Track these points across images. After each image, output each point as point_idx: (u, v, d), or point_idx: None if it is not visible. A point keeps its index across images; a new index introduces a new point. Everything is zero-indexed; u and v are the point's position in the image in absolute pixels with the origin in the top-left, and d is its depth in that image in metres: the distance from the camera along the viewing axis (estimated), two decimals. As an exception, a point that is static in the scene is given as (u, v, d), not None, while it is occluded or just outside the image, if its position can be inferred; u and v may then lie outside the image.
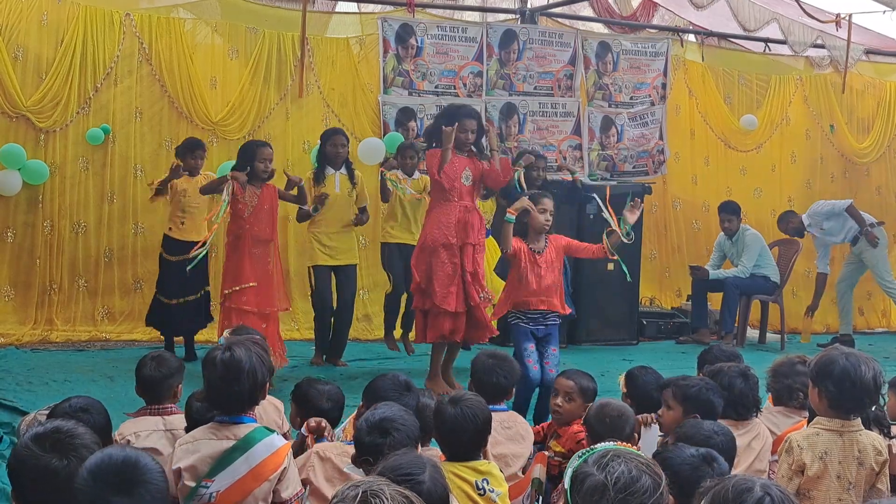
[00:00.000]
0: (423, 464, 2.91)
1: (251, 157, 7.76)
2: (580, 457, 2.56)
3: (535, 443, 5.30)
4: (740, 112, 12.31)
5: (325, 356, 8.66)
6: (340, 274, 8.58)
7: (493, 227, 8.83)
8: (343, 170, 8.49)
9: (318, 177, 8.44)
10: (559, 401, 5.18)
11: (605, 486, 2.40)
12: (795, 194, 12.79)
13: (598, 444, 2.64)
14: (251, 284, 7.59)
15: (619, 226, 6.81)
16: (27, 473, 2.85)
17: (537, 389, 6.59)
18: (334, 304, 8.66)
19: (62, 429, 2.94)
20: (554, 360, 6.73)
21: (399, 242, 8.62)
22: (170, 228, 8.56)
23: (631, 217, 6.82)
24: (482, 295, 7.35)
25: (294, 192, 8.18)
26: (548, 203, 6.88)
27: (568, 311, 7.33)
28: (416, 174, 8.69)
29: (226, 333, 5.31)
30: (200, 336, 8.82)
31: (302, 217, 8.48)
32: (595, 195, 7.83)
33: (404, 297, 8.68)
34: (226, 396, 3.60)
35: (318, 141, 8.64)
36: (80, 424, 3.03)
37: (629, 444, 3.52)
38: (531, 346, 6.73)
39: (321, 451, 4.02)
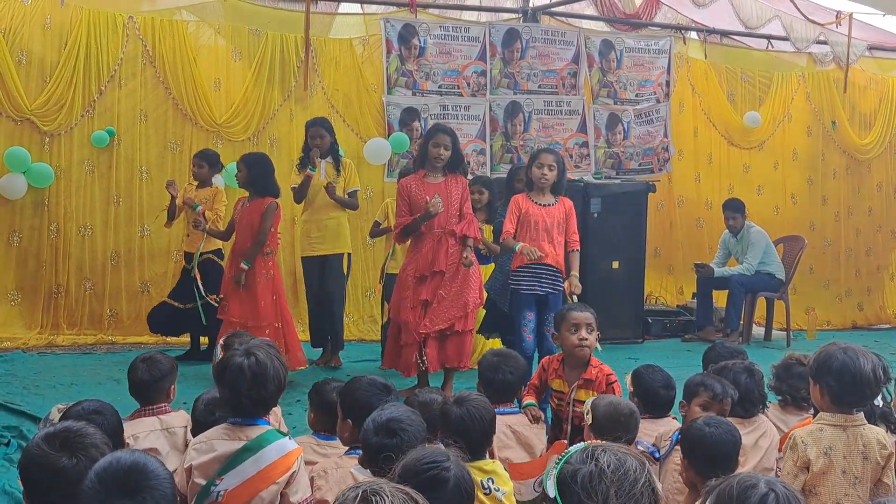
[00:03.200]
0: (445, 453, 2.89)
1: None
2: (556, 465, 2.59)
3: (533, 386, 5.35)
4: (743, 109, 12.32)
5: (322, 355, 8.69)
6: (326, 264, 8.54)
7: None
8: (329, 158, 8.48)
9: (304, 164, 8.44)
10: (584, 333, 5.21)
11: (602, 471, 2.43)
12: (797, 191, 12.80)
13: (570, 448, 2.66)
14: (220, 296, 7.81)
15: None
16: (37, 472, 2.88)
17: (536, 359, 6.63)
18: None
19: (72, 428, 2.97)
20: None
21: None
22: (183, 241, 8.77)
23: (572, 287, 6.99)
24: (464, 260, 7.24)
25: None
26: (547, 158, 7.04)
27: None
28: None
29: (221, 341, 5.34)
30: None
31: (297, 195, 8.47)
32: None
33: None
34: (251, 401, 3.59)
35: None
36: (91, 425, 3.05)
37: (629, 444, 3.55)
38: (530, 315, 6.85)
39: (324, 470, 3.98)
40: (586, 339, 5.22)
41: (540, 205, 7.02)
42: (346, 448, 4.05)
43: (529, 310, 6.88)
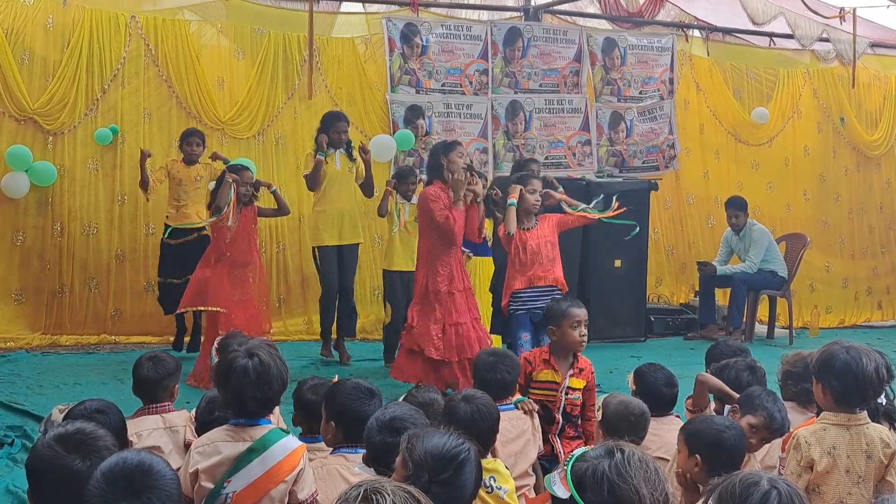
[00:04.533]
0: (453, 433, 2.93)
1: None
2: (567, 464, 2.61)
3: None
4: (750, 106, 12.31)
5: (333, 346, 8.68)
6: (344, 254, 8.57)
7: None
8: (343, 150, 8.52)
9: (321, 151, 8.44)
10: (584, 329, 5.38)
11: (630, 458, 2.52)
12: (810, 188, 12.78)
13: (575, 451, 2.70)
14: (220, 310, 7.59)
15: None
16: (49, 474, 2.86)
17: None
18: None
19: (85, 430, 2.97)
20: None
21: (401, 270, 8.46)
22: (167, 216, 8.78)
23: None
24: None
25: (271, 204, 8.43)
26: (537, 184, 7.15)
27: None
28: (414, 199, 8.51)
29: (216, 345, 5.37)
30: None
31: (311, 181, 8.47)
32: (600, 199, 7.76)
33: None
34: (257, 402, 3.58)
35: (319, 124, 8.64)
36: (101, 427, 3.05)
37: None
38: (526, 336, 6.89)
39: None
40: (585, 335, 5.41)
41: (524, 230, 7.03)
42: (331, 449, 4.05)
43: (525, 331, 6.93)
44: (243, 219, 7.78)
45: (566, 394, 5.27)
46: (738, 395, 4.57)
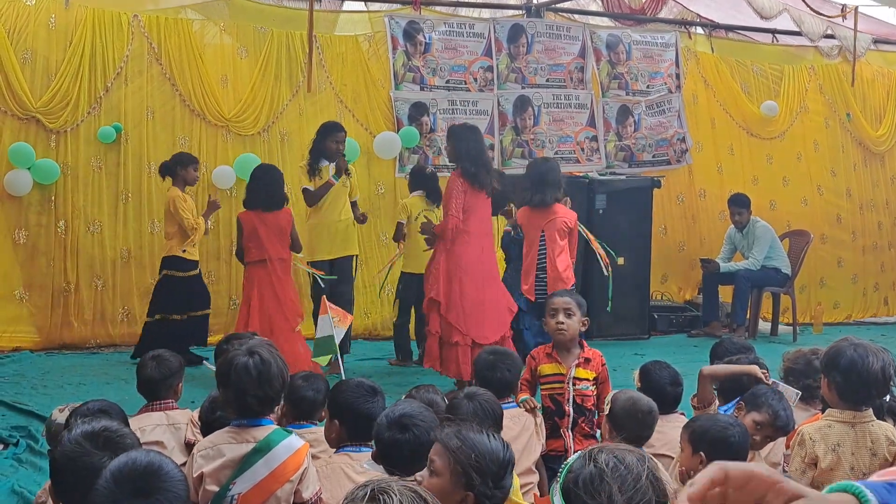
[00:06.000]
0: (497, 436, 2.95)
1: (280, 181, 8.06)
2: (559, 476, 2.60)
3: (525, 380, 5.34)
4: (758, 101, 12.28)
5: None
6: (336, 267, 8.51)
7: (501, 241, 8.79)
8: (336, 161, 8.48)
9: (314, 169, 8.42)
10: (561, 318, 5.26)
11: (602, 471, 2.40)
12: (823, 183, 12.76)
13: (568, 460, 2.67)
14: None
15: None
16: (76, 470, 2.88)
17: None
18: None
19: (111, 428, 3.01)
20: None
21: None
22: (184, 250, 8.53)
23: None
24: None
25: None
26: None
27: None
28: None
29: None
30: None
31: (313, 199, 8.47)
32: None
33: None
34: (258, 401, 3.57)
35: (316, 134, 8.60)
36: (125, 425, 3.07)
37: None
38: None
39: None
40: (563, 324, 5.26)
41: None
42: (335, 448, 4.05)
43: None
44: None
45: (573, 384, 5.25)
46: (755, 367, 4.63)
